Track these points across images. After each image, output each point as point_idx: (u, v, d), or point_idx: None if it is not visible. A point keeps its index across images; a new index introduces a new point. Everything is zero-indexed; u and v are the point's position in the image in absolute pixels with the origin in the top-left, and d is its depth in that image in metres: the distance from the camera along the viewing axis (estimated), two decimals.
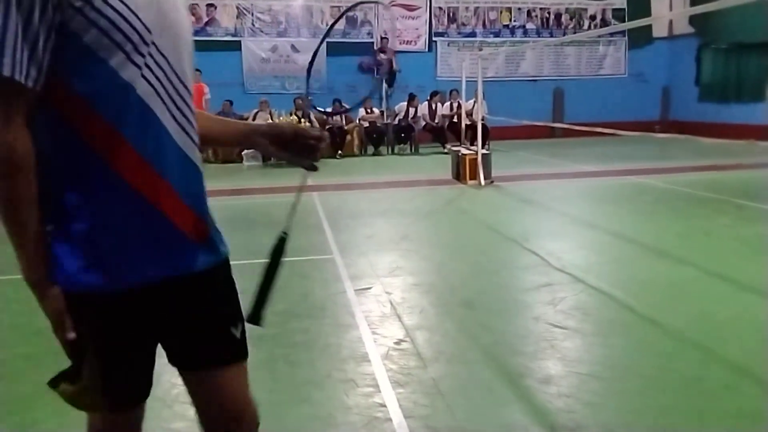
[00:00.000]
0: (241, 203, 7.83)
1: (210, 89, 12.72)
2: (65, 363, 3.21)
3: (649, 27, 15.52)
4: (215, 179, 9.93)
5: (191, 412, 2.57)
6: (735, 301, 3.72)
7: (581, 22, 15.63)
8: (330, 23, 14.42)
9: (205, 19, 13.90)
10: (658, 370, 2.82)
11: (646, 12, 14.94)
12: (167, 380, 2.81)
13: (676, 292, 3.96)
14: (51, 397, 2.78)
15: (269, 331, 3.35)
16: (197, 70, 12.49)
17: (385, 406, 2.54)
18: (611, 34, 15.52)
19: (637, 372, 2.82)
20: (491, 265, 4.71)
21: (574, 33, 15.18)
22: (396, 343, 3.19)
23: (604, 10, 15.64)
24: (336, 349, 3.13)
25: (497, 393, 2.64)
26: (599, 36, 15.51)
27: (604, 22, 15.53)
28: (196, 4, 13.80)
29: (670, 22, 15.57)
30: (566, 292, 3.89)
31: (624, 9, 15.56)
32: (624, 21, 14.85)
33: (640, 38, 15.64)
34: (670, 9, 15.01)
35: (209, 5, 13.88)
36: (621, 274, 4.41)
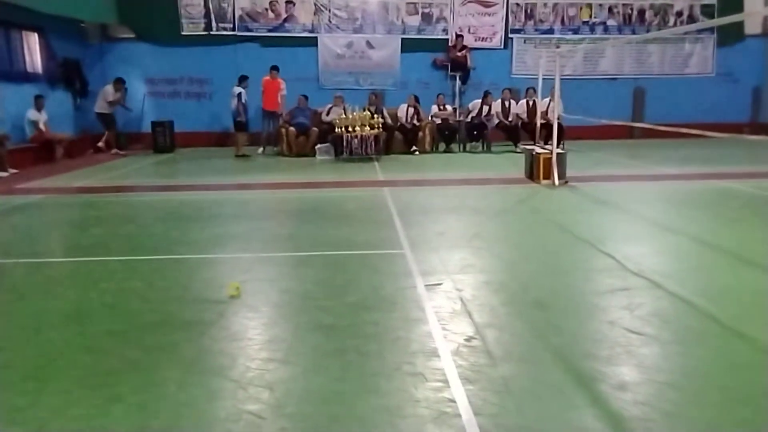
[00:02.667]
0: (312, 196, 7.98)
1: (286, 84, 13.01)
2: (150, 339, 3.38)
3: (741, 24, 14.71)
4: (288, 172, 10.15)
5: (266, 395, 2.67)
6: None
7: (666, 19, 14.99)
8: (405, 20, 14.44)
9: (284, 16, 14.22)
10: (740, 383, 2.69)
11: (738, 8, 14.17)
12: (242, 363, 2.92)
13: (762, 302, 3.75)
14: (135, 372, 2.94)
15: (341, 321, 3.42)
16: (274, 67, 12.81)
17: (454, 401, 2.53)
18: (699, 31, 14.80)
19: (718, 383, 2.69)
20: (564, 266, 4.61)
21: (659, 30, 14.58)
22: (466, 339, 3.17)
23: (691, 6, 14.93)
24: (405, 343, 3.14)
25: (569, 396, 2.58)
26: (685, 33, 14.82)
27: (692, 19, 14.83)
28: (276, 1, 14.14)
29: (765, 18, 14.71)
30: (644, 298, 3.76)
31: (713, 5, 14.79)
32: (713, 17, 14.13)
33: (731, 36, 14.83)
34: (765, 5, 14.18)
35: (288, 2, 14.18)
36: (703, 281, 4.21)
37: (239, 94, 12.08)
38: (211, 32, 14.05)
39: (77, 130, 13.22)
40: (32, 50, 12.03)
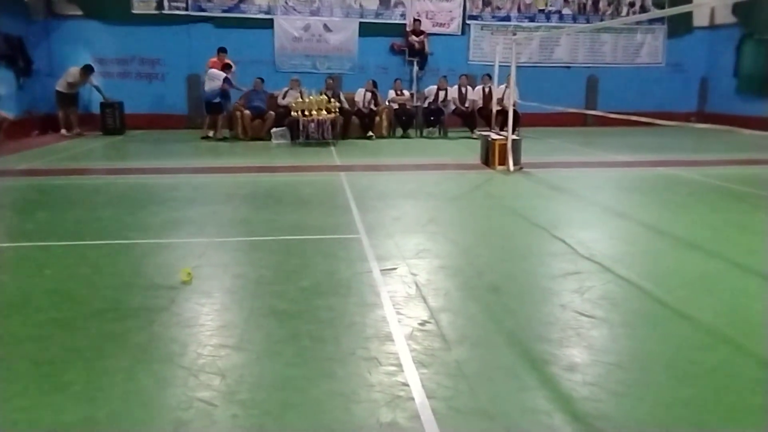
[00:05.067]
0: (267, 180, 7.87)
1: (241, 66, 12.71)
2: (97, 327, 3.28)
3: (690, 15, 15.09)
4: (243, 156, 9.98)
5: (217, 382, 2.62)
6: (766, 296, 3.64)
7: (619, 9, 15.26)
8: (363, 3, 14.30)
9: None
10: (686, 363, 2.78)
11: None
12: (193, 350, 2.86)
13: (707, 285, 3.89)
14: (82, 361, 2.85)
15: (295, 307, 3.39)
16: (221, 49, 12.36)
17: (408, 385, 2.54)
18: (650, 22, 15.13)
19: (664, 364, 2.78)
20: (518, 251, 4.67)
21: (612, 19, 14.84)
22: (420, 324, 3.19)
23: None
24: (360, 328, 3.14)
25: (521, 378, 2.62)
26: (637, 23, 15.13)
27: (644, 9, 15.13)
28: None
29: (712, 10, 15.14)
30: (594, 281, 3.85)
31: None
32: (664, 8, 14.45)
33: (680, 27, 15.23)
34: None
35: None
36: (651, 265, 4.33)
37: (225, 78, 11.80)
38: (163, 11, 13.62)
39: (20, 111, 12.68)
40: None
